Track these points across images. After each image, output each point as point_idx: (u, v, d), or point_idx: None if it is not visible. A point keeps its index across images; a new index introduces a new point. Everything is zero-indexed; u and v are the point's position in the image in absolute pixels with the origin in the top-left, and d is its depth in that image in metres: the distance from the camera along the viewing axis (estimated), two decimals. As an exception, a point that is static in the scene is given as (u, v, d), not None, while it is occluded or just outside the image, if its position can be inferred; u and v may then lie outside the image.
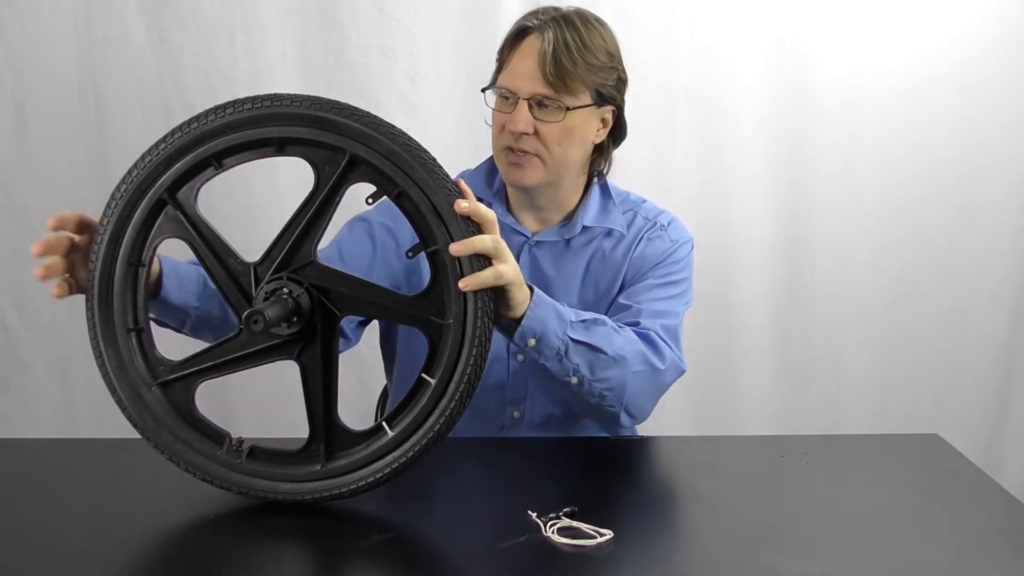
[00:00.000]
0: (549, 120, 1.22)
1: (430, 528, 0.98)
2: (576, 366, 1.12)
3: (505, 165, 1.27)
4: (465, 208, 0.92)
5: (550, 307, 1.08)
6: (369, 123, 0.91)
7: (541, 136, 1.23)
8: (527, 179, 1.26)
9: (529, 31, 1.23)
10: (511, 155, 1.25)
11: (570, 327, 1.10)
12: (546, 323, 1.07)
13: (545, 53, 1.20)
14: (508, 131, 1.23)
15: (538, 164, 1.25)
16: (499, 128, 1.25)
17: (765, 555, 0.89)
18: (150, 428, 0.99)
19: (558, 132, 1.23)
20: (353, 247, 1.31)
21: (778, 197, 2.15)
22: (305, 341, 0.96)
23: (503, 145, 1.25)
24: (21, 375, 2.09)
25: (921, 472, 1.13)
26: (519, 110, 1.22)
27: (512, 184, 1.28)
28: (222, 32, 1.97)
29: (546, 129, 1.22)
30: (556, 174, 1.27)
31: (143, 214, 0.95)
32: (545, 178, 1.26)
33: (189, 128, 0.94)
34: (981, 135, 2.14)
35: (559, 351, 1.10)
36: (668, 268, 1.32)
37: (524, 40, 1.23)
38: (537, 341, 1.08)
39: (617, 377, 1.15)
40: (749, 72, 2.08)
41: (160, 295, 1.08)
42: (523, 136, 1.22)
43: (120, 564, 0.89)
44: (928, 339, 2.23)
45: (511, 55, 1.24)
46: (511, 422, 1.34)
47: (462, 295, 0.93)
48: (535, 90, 1.21)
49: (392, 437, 0.96)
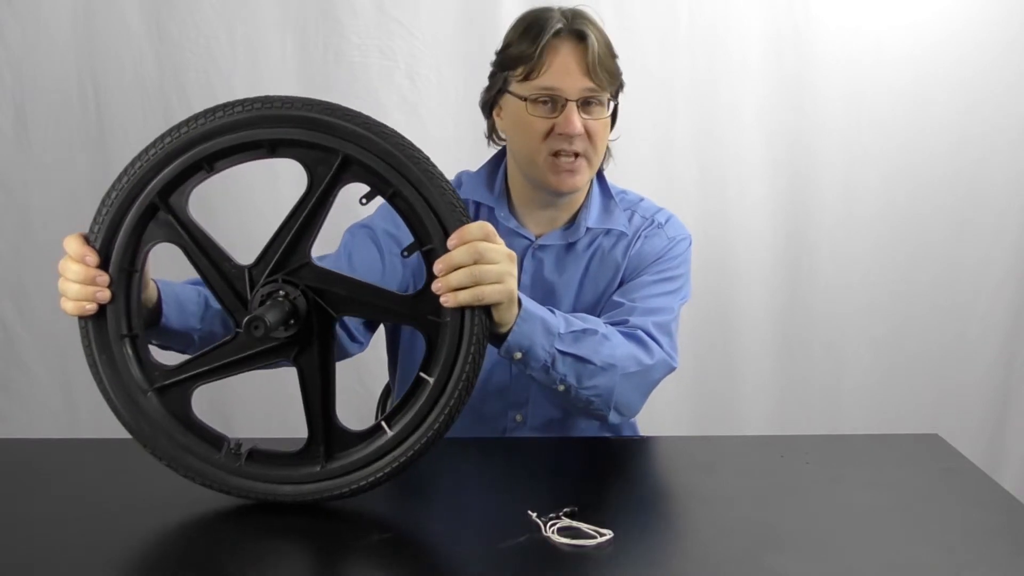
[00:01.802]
0: (597, 117, 1.23)
1: (430, 528, 0.98)
2: (563, 376, 1.12)
3: (552, 171, 1.23)
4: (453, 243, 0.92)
5: (538, 322, 1.07)
6: (361, 123, 0.91)
7: (591, 134, 1.22)
8: (579, 182, 1.25)
9: (561, 33, 1.22)
10: (564, 162, 1.22)
11: (558, 339, 1.09)
12: (532, 337, 1.06)
13: (595, 51, 1.20)
14: (561, 134, 1.21)
15: (585, 165, 1.24)
16: (543, 134, 1.22)
17: (765, 555, 0.89)
18: (147, 434, 0.98)
19: (602, 128, 1.24)
20: (362, 254, 1.30)
21: (778, 197, 2.15)
22: (302, 344, 0.96)
23: (551, 150, 1.22)
24: (21, 375, 2.09)
25: (921, 472, 1.13)
26: (571, 111, 1.20)
27: (564, 191, 1.26)
28: (222, 32, 1.97)
29: (594, 127, 1.23)
30: (594, 172, 1.28)
31: (134, 219, 0.94)
32: (589, 179, 1.27)
33: (179, 132, 0.92)
34: (983, 135, 2.14)
35: (546, 363, 1.09)
36: (665, 265, 1.32)
37: (561, 43, 1.21)
38: (524, 354, 1.07)
39: (605, 384, 1.15)
40: (749, 67, 2.08)
41: (160, 323, 1.06)
42: (576, 137, 1.21)
43: (120, 564, 0.89)
44: (928, 339, 2.23)
45: (548, 59, 1.21)
46: (513, 425, 1.34)
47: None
48: (584, 86, 1.21)
49: (391, 437, 0.95)
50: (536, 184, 1.27)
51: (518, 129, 1.25)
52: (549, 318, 1.09)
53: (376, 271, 1.29)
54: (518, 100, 1.24)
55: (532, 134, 1.23)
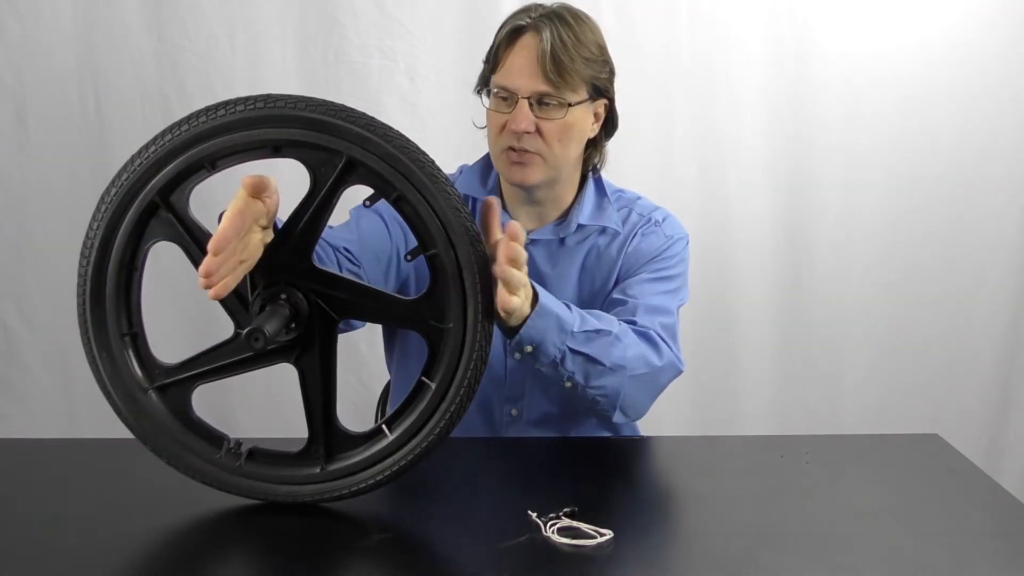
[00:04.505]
0: (551, 118, 1.22)
1: (430, 528, 0.98)
2: (571, 373, 1.12)
3: (506, 165, 1.26)
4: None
5: (552, 318, 1.07)
6: (365, 125, 0.90)
7: (543, 134, 1.23)
8: (530, 178, 1.26)
9: (523, 29, 1.23)
10: (512, 155, 1.24)
11: (571, 337, 1.09)
12: (544, 333, 1.06)
13: (544, 51, 1.20)
14: (510, 131, 1.23)
15: (540, 162, 1.25)
16: (498, 129, 1.25)
17: (765, 555, 0.89)
18: (147, 432, 0.98)
19: (559, 129, 1.23)
20: (369, 221, 1.29)
21: (778, 197, 2.16)
22: (303, 346, 0.95)
23: (504, 146, 1.25)
24: (21, 375, 2.09)
25: (921, 472, 1.13)
26: (520, 109, 1.22)
27: (515, 184, 1.28)
28: (222, 32, 1.97)
29: (548, 127, 1.23)
30: (556, 171, 1.27)
31: (134, 217, 0.93)
32: (546, 176, 1.27)
33: (180, 130, 0.91)
34: (983, 136, 2.14)
35: (555, 359, 1.10)
36: (662, 263, 1.32)
37: (519, 39, 1.23)
38: (534, 349, 1.08)
39: (612, 385, 1.15)
40: (749, 66, 2.08)
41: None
42: (525, 135, 1.22)
43: (120, 564, 0.89)
44: (929, 339, 2.23)
45: (506, 54, 1.24)
46: (508, 419, 1.34)
47: (462, 299, 0.92)
48: (536, 88, 1.21)
49: (392, 440, 0.95)
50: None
51: (487, 122, 1.29)
52: (565, 315, 1.09)
53: (383, 237, 1.29)
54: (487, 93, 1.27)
55: (492, 127, 1.27)
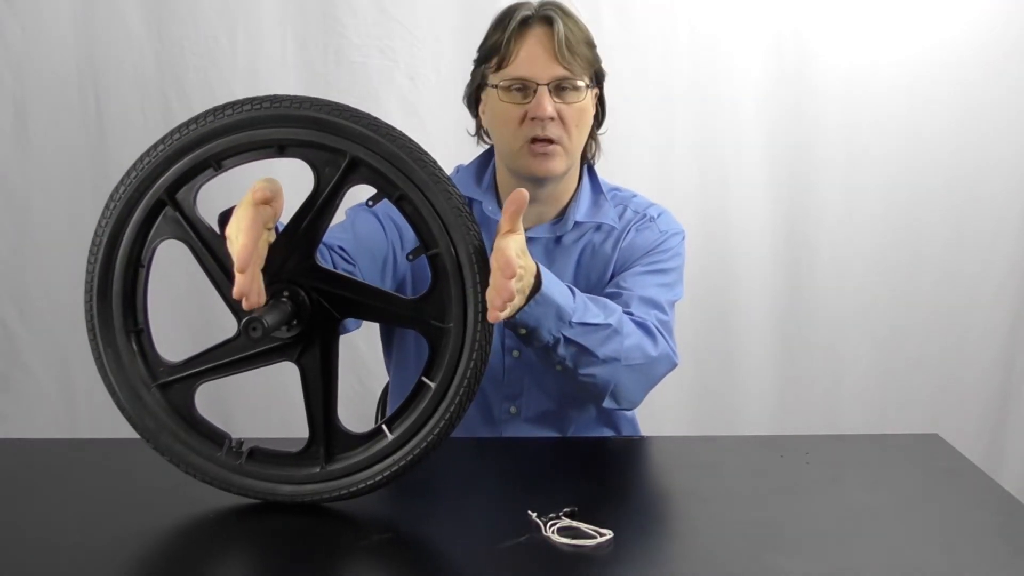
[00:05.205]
0: (569, 102, 1.23)
1: (430, 528, 0.98)
2: (562, 359, 1.13)
3: (529, 158, 1.25)
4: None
5: (552, 307, 1.07)
6: (369, 125, 0.91)
7: (564, 119, 1.23)
8: (556, 168, 1.25)
9: (530, 20, 1.24)
10: (537, 146, 1.24)
11: (567, 327, 1.10)
12: (541, 320, 1.07)
13: (560, 37, 1.21)
14: (533, 119, 1.22)
15: (561, 152, 1.25)
16: (517, 122, 1.24)
17: (765, 555, 0.89)
18: (150, 429, 0.99)
19: (577, 114, 1.24)
20: (365, 223, 1.30)
21: (778, 198, 2.15)
22: (305, 344, 0.96)
23: (525, 138, 1.24)
24: (21, 375, 2.08)
25: (921, 472, 1.13)
26: (541, 96, 1.22)
27: (540, 176, 1.26)
28: (222, 32, 1.97)
29: (568, 112, 1.23)
30: (573, 160, 1.28)
31: (142, 215, 0.95)
32: (567, 165, 1.27)
33: (188, 129, 0.93)
34: (982, 135, 2.14)
35: (547, 344, 1.10)
36: (657, 256, 1.32)
37: (529, 30, 1.24)
38: (528, 332, 1.08)
39: (603, 374, 1.16)
40: (749, 68, 2.08)
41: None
42: (549, 122, 1.22)
43: (120, 564, 0.89)
44: (928, 339, 2.23)
45: (516, 47, 1.23)
46: (506, 417, 1.34)
47: (462, 299, 0.93)
48: (554, 73, 1.22)
49: (392, 440, 0.96)
50: (518, 174, 1.28)
51: (496, 119, 1.28)
52: (566, 304, 1.09)
53: (379, 237, 1.29)
54: (494, 90, 1.26)
55: (508, 122, 1.25)
